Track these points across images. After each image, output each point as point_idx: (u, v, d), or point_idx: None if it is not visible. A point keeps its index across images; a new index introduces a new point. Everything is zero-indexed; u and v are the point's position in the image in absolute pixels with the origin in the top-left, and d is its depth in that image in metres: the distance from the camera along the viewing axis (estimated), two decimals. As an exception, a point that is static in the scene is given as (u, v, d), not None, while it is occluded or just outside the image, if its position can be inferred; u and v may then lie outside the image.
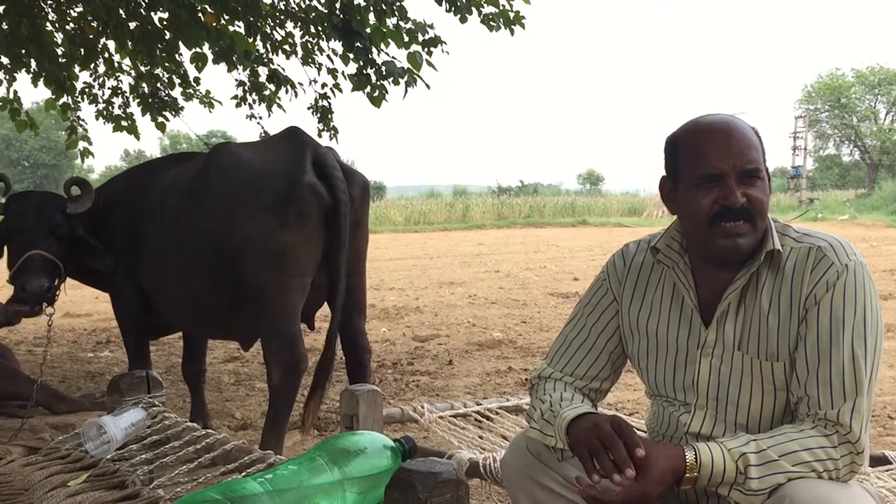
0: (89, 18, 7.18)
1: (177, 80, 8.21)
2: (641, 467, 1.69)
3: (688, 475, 1.69)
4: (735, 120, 1.88)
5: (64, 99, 8.03)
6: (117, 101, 8.43)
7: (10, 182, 4.38)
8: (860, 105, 51.61)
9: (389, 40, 6.43)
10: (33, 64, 7.48)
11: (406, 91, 6.18)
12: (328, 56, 7.43)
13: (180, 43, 7.06)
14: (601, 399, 2.15)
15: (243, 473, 1.60)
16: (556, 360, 2.11)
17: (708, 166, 1.82)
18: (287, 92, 7.47)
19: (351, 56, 6.34)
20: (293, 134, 4.07)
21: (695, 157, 1.85)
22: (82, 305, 10.50)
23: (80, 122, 8.38)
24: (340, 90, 7.44)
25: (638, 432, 2.98)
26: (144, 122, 8.10)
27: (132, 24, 6.91)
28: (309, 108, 7.55)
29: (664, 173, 1.98)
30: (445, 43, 6.39)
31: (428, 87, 6.30)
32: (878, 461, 2.69)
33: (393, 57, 6.36)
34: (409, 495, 1.24)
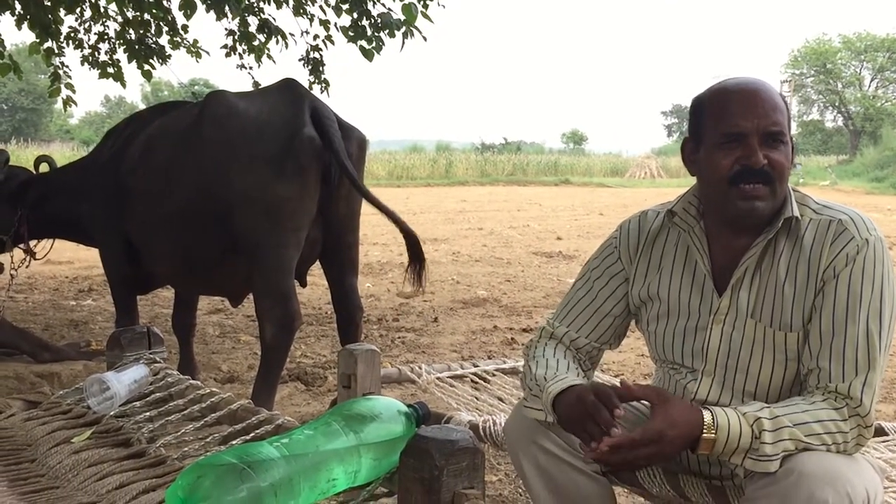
0: (75, -39, 7.03)
1: (164, 28, 8.06)
2: (660, 405, 1.72)
3: (706, 435, 1.67)
4: (762, 83, 1.87)
5: (48, 43, 7.84)
6: (103, 46, 8.28)
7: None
8: (846, 71, 51.50)
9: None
10: (18, 6, 7.31)
11: (403, 43, 6.10)
12: (321, 7, 7.29)
13: (169, -12, 6.95)
14: (599, 359, 2.15)
15: (251, 434, 1.58)
16: (564, 314, 2.11)
17: (731, 125, 1.81)
18: (277, 43, 7.37)
19: (345, 7, 6.25)
20: (290, 86, 3.99)
21: (719, 116, 1.84)
22: (63, 252, 10.37)
23: (65, 67, 8.20)
24: (333, 42, 7.34)
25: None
26: (129, 70, 7.98)
27: (120, -32, 6.79)
28: (300, 60, 7.45)
29: (686, 136, 1.97)
30: (442, -5, 6.30)
31: (425, 39, 6.21)
32: (876, 432, 2.71)
33: (389, 8, 6.26)
34: (425, 462, 1.22)
